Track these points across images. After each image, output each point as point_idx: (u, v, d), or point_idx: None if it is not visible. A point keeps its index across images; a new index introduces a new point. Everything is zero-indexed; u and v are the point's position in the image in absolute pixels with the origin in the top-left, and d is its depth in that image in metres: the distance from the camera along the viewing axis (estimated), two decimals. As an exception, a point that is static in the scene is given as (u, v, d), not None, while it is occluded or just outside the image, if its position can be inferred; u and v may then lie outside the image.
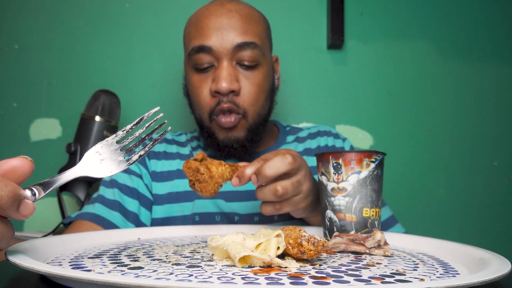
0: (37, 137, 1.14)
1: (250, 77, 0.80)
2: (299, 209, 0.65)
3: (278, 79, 0.91)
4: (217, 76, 0.78)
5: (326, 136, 0.94)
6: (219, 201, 0.82)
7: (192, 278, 0.35)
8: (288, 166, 0.59)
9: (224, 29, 0.79)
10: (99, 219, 0.76)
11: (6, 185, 0.34)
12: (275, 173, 0.58)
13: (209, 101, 0.80)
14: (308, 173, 0.64)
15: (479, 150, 1.22)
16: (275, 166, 0.59)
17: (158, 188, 0.85)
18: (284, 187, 0.60)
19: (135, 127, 0.44)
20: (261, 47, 0.81)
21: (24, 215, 0.35)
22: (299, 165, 0.61)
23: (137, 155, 0.43)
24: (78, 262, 0.42)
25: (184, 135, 0.96)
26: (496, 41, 1.24)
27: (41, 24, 1.15)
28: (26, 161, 0.37)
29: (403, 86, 1.22)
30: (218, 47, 0.78)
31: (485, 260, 0.41)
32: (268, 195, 0.60)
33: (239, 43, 0.78)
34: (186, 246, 0.53)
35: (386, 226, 0.87)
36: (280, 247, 0.41)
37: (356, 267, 0.41)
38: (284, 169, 0.59)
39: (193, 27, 0.82)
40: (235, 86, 0.78)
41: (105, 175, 0.41)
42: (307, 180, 0.63)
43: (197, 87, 0.82)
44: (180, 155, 0.90)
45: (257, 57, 0.80)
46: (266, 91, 0.83)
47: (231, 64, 0.79)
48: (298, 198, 0.63)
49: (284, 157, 0.59)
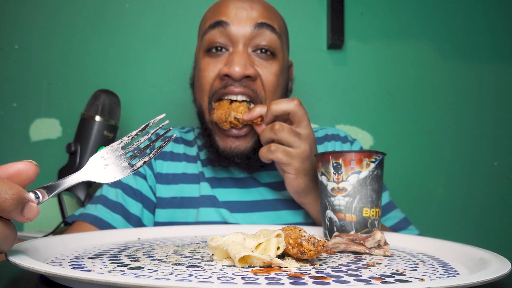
0: (37, 137, 1.14)
1: (268, 66, 0.75)
2: (291, 168, 0.67)
3: (291, 86, 0.87)
4: (231, 60, 0.73)
5: (333, 140, 0.89)
6: (223, 211, 0.79)
7: (192, 278, 0.35)
8: (293, 106, 0.66)
9: (245, 9, 0.75)
10: (100, 222, 0.75)
11: (10, 187, 0.34)
12: (280, 109, 0.65)
13: (213, 82, 0.75)
14: (311, 136, 0.68)
15: (479, 150, 1.22)
16: (281, 103, 0.66)
17: (162, 191, 0.82)
18: (281, 124, 0.65)
19: (140, 133, 0.44)
20: (280, 36, 0.77)
21: (28, 218, 0.35)
22: (303, 114, 0.67)
23: (142, 161, 0.43)
24: (78, 262, 0.42)
25: (192, 132, 0.92)
26: (496, 41, 1.24)
27: (41, 24, 1.15)
28: (31, 165, 0.37)
29: (403, 86, 1.22)
30: (237, 26, 0.74)
31: (485, 260, 0.41)
32: (266, 131, 0.66)
33: (259, 22, 0.74)
34: (186, 246, 0.53)
35: (399, 228, 0.84)
36: (280, 247, 0.41)
37: (356, 267, 0.41)
38: (289, 107, 0.65)
39: (211, 10, 0.79)
40: (251, 71, 0.72)
41: (109, 180, 0.41)
42: (306, 142, 0.67)
43: (204, 69, 0.76)
44: (187, 157, 0.86)
45: (275, 44, 0.76)
46: (282, 86, 0.79)
47: (247, 51, 0.74)
48: (294, 150, 0.66)
49: (291, 100, 0.66)
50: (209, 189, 0.81)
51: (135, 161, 0.43)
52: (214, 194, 0.80)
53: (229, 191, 0.82)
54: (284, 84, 0.80)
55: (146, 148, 0.44)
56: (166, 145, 0.44)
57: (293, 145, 0.66)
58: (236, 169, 0.83)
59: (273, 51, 0.76)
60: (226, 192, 0.81)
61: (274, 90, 0.76)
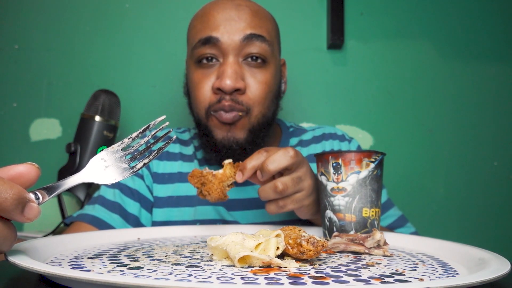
0: (37, 137, 1.14)
1: (257, 75, 0.76)
2: (303, 207, 0.64)
3: (285, 83, 0.87)
4: (222, 73, 0.74)
5: (331, 139, 0.91)
6: (220, 209, 0.80)
7: (192, 278, 0.35)
8: (290, 160, 0.60)
9: (233, 20, 0.75)
10: (99, 222, 0.75)
11: (11, 187, 0.34)
12: (277, 167, 0.59)
13: (210, 96, 0.76)
14: (310, 170, 0.64)
15: (479, 150, 1.22)
16: (276, 160, 0.59)
17: (159, 190, 0.83)
18: (283, 183, 0.60)
19: (140, 135, 0.44)
20: (271, 43, 0.77)
21: (29, 218, 0.35)
22: (300, 160, 0.62)
23: (142, 163, 0.43)
24: (77, 262, 0.42)
25: (188, 132, 0.93)
26: (496, 41, 1.24)
27: (41, 24, 1.16)
28: (32, 168, 0.37)
29: (403, 86, 1.22)
30: (226, 39, 0.74)
31: (484, 260, 0.41)
32: (269, 193, 0.61)
33: (248, 34, 0.74)
34: (186, 246, 0.53)
35: (397, 226, 0.85)
36: (279, 247, 0.41)
37: (356, 267, 0.41)
38: (286, 163, 0.59)
39: (199, 20, 0.78)
40: (240, 84, 0.74)
41: (109, 182, 0.42)
42: (308, 177, 0.63)
43: (198, 82, 0.77)
44: (183, 156, 0.87)
45: (265, 52, 0.76)
46: (273, 91, 0.79)
47: (237, 61, 0.75)
48: (301, 195, 0.62)
49: (286, 151, 0.60)
50: None
51: (135, 163, 0.43)
52: None
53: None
54: (276, 87, 0.81)
55: (146, 150, 0.44)
56: (166, 146, 0.44)
57: (299, 190, 0.62)
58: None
59: (264, 58, 0.77)
60: None
61: (262, 100, 0.77)
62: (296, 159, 0.61)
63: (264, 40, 0.76)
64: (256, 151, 0.63)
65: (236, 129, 0.76)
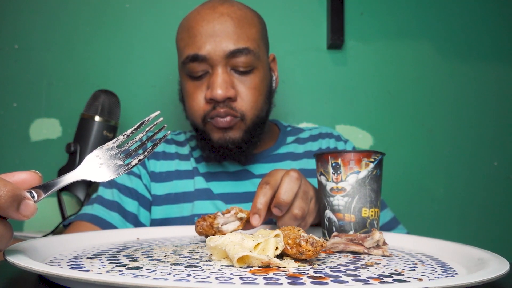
0: (37, 137, 1.14)
1: (246, 81, 0.79)
2: (314, 212, 0.64)
3: (276, 79, 0.89)
4: (212, 83, 0.76)
5: (328, 138, 0.93)
6: (218, 203, 0.82)
7: (191, 278, 0.35)
8: (297, 182, 0.59)
9: (217, 35, 0.76)
10: (98, 220, 0.76)
11: (5, 184, 0.34)
12: (292, 195, 0.58)
13: (203, 106, 0.79)
14: (304, 178, 0.64)
15: (479, 150, 1.22)
16: (288, 189, 0.58)
17: (157, 189, 0.85)
18: (299, 207, 0.59)
19: (135, 132, 0.44)
20: (255, 52, 0.79)
21: (25, 215, 0.35)
22: (305, 181, 0.62)
23: (137, 159, 0.43)
24: (76, 262, 0.42)
25: (183, 134, 0.96)
26: (496, 41, 1.24)
27: (41, 24, 1.16)
28: (36, 176, 0.38)
29: (403, 86, 1.22)
30: (212, 55, 0.76)
31: (483, 260, 0.41)
32: (292, 223, 0.60)
33: (232, 50, 0.76)
34: (185, 246, 0.53)
35: (388, 227, 0.86)
36: (278, 247, 0.41)
37: (355, 267, 0.41)
38: (297, 187, 0.59)
39: (186, 33, 0.80)
40: (231, 93, 0.76)
41: (104, 179, 0.42)
42: (309, 185, 0.63)
43: (191, 94, 0.80)
44: (179, 155, 0.89)
45: (251, 62, 0.78)
46: (263, 93, 0.81)
47: (226, 71, 0.77)
48: (312, 204, 0.63)
49: (289, 176, 0.59)
50: (204, 182, 0.84)
51: (130, 159, 0.43)
52: (209, 187, 0.84)
53: (224, 183, 0.85)
54: (267, 89, 0.83)
55: (140, 147, 0.44)
56: (160, 142, 0.45)
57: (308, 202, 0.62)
58: (230, 163, 0.87)
59: (251, 68, 0.78)
60: (220, 185, 0.85)
61: (255, 104, 0.79)
62: (301, 181, 0.60)
63: (249, 52, 0.77)
64: (257, 187, 0.61)
65: (232, 131, 0.79)
